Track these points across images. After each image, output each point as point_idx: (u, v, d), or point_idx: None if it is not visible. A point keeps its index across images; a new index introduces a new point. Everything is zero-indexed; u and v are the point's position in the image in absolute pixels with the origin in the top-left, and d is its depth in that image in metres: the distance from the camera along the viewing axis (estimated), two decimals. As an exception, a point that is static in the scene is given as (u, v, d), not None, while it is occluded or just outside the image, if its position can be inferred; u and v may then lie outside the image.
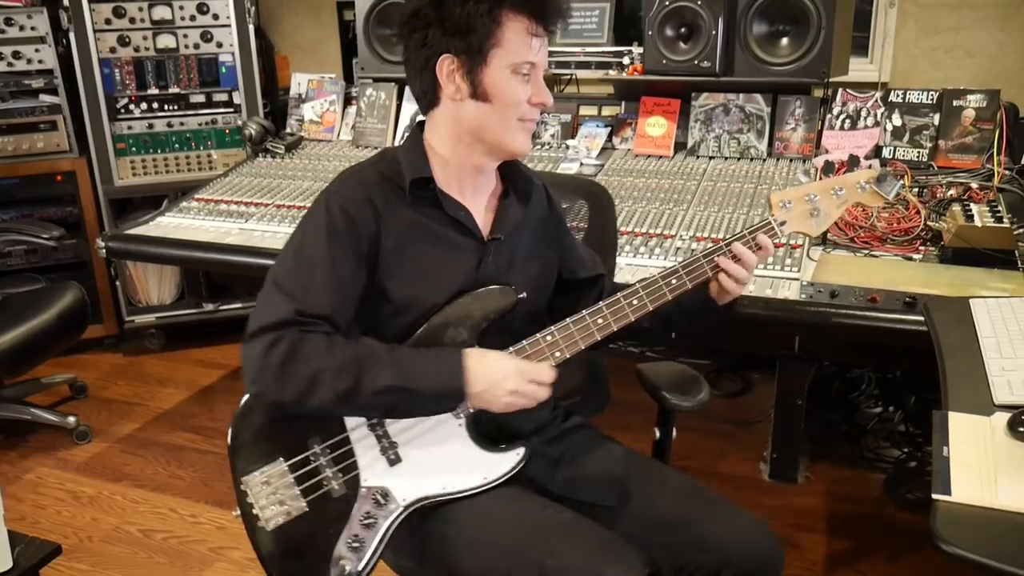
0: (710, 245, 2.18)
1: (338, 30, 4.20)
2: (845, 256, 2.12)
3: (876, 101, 2.58)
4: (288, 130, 3.31)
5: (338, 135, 3.26)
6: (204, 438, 2.94)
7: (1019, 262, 1.95)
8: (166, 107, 3.48)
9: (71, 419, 2.93)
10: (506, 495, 1.37)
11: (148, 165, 3.49)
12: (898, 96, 2.57)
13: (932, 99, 2.54)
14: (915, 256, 2.08)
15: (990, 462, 1.07)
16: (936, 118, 2.52)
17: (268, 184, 2.89)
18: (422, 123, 1.44)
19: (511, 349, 1.36)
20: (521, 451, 1.38)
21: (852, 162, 2.45)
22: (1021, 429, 1.13)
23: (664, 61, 2.66)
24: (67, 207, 3.49)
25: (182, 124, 3.50)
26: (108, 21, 3.33)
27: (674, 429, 1.65)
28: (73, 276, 3.28)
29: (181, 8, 3.40)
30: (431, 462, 1.35)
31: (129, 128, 3.44)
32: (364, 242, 1.33)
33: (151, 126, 3.47)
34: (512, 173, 1.50)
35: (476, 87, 1.33)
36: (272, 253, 2.44)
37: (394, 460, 1.35)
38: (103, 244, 2.60)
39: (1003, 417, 1.16)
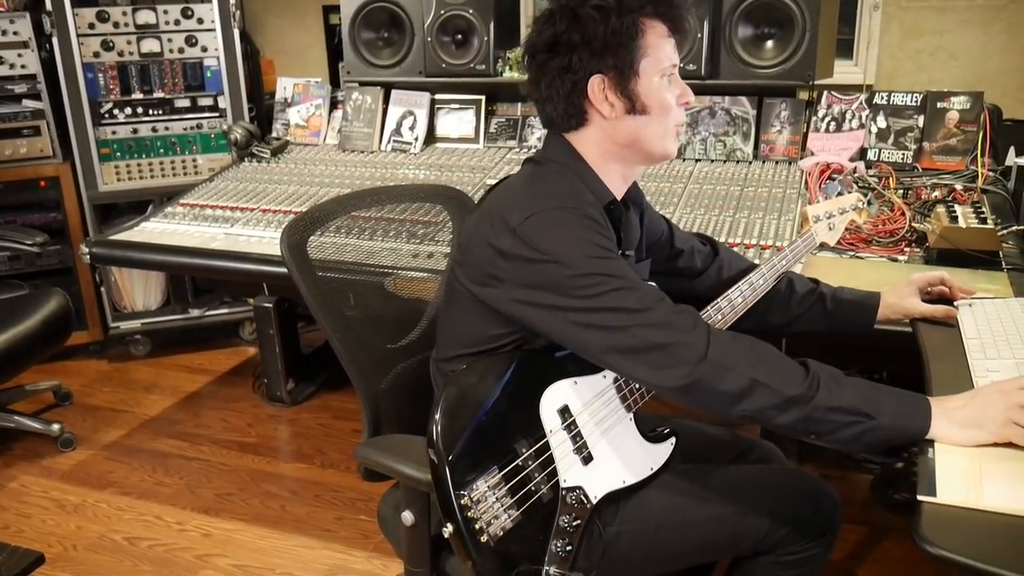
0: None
1: (324, 34, 4.19)
2: (831, 258, 2.12)
3: (861, 103, 2.59)
4: (274, 134, 3.30)
5: (324, 139, 3.25)
6: (190, 444, 2.92)
7: (1003, 263, 1.96)
8: (151, 112, 3.45)
9: (55, 427, 2.90)
10: (674, 478, 1.42)
11: (133, 170, 3.47)
12: (883, 98, 2.58)
13: (916, 101, 2.55)
14: (900, 258, 2.09)
15: (975, 463, 1.08)
16: (920, 120, 2.53)
17: (254, 189, 2.87)
18: (560, 140, 1.40)
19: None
20: (674, 439, 1.45)
21: (843, 184, 2.43)
22: (1005, 430, 1.14)
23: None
24: (51, 213, 3.46)
25: (167, 129, 3.48)
26: (91, 26, 3.31)
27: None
28: (57, 282, 3.26)
29: (165, 12, 3.38)
30: (612, 458, 1.36)
31: (113, 133, 3.42)
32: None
33: (136, 131, 3.45)
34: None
35: (633, 101, 1.33)
36: (258, 258, 2.41)
37: (587, 458, 1.34)
38: (87, 250, 2.58)
39: (988, 418, 1.16)
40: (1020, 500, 0.99)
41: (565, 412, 1.33)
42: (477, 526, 1.23)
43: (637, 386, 1.39)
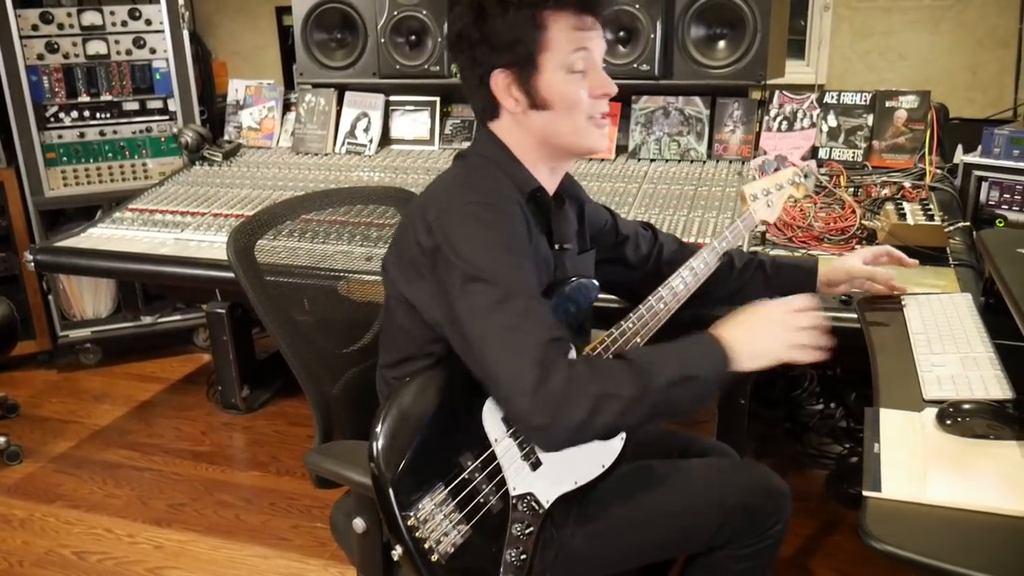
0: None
1: (277, 36, 4.14)
2: (783, 255, 2.13)
3: (812, 103, 2.62)
4: (226, 137, 3.25)
5: (277, 142, 3.21)
6: (142, 454, 2.86)
7: (950, 259, 1.99)
8: (98, 115, 3.38)
9: (1, 439, 2.82)
10: (627, 474, 1.41)
11: (80, 175, 3.39)
12: (833, 98, 2.61)
13: (866, 101, 2.58)
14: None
15: (920, 457, 1.08)
16: (870, 119, 2.56)
17: (205, 193, 2.82)
18: (485, 131, 1.40)
19: (607, 340, 1.37)
20: (623, 434, 1.40)
21: (779, 160, 2.49)
22: (949, 422, 1.15)
23: (604, 65, 2.67)
24: (-5, 219, 3.37)
25: (115, 132, 3.41)
26: (35, 27, 3.23)
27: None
28: (3, 291, 3.16)
29: (112, 13, 3.31)
30: (562, 459, 1.32)
31: (59, 137, 3.34)
32: (530, 240, 1.31)
33: (82, 135, 3.37)
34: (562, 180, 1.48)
35: (534, 97, 1.31)
36: (209, 263, 2.37)
37: (536, 463, 1.31)
38: (31, 257, 2.52)
39: (932, 412, 1.18)
40: (963, 493, 1.00)
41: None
42: (426, 546, 1.21)
43: None
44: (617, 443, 1.41)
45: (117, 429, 3.06)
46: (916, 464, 1.07)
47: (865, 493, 1.01)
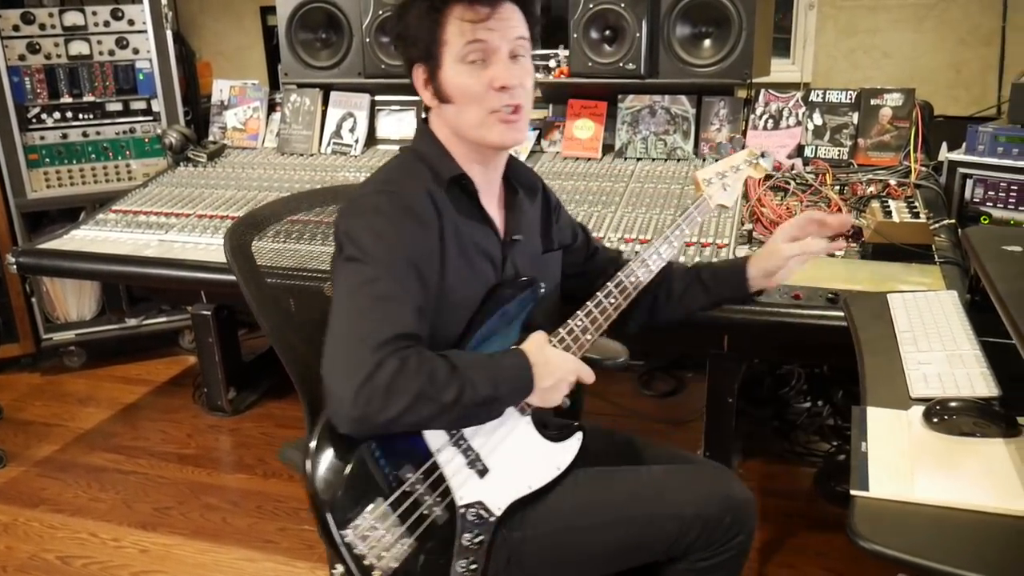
0: (638, 247, 2.19)
1: (262, 36, 4.12)
2: (770, 254, 2.14)
3: (797, 101, 2.63)
4: (211, 138, 3.23)
5: (263, 142, 3.19)
6: (127, 458, 2.83)
7: (935, 256, 2.00)
8: (81, 116, 3.34)
9: (-16, 443, 2.80)
10: (582, 479, 1.38)
11: (63, 176, 3.36)
12: (818, 96, 2.62)
13: (851, 99, 2.59)
14: (837, 252, 2.11)
15: (907, 456, 1.09)
16: (855, 117, 2.57)
17: (190, 194, 2.81)
18: (422, 122, 1.45)
19: (553, 341, 1.37)
20: (580, 435, 1.40)
21: (736, 143, 2.60)
22: (936, 420, 1.15)
23: (590, 64, 2.67)
24: (-23, 221, 3.33)
25: (98, 133, 3.38)
26: (16, 27, 3.19)
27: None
28: (-15, 294, 3.14)
29: (94, 14, 3.28)
30: (512, 465, 1.33)
31: (42, 138, 3.31)
32: (433, 241, 1.30)
33: (65, 136, 3.33)
34: (515, 170, 1.49)
35: (439, 91, 1.33)
36: (193, 265, 2.37)
37: (483, 471, 1.30)
38: (14, 260, 2.51)
39: (919, 410, 1.18)
40: (950, 492, 1.00)
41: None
42: (367, 563, 1.19)
43: None
44: (574, 444, 1.39)
45: (102, 432, 3.03)
46: (903, 463, 1.07)
47: (853, 492, 1.01)
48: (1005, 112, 3.12)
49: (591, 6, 2.63)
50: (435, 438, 1.28)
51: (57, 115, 3.32)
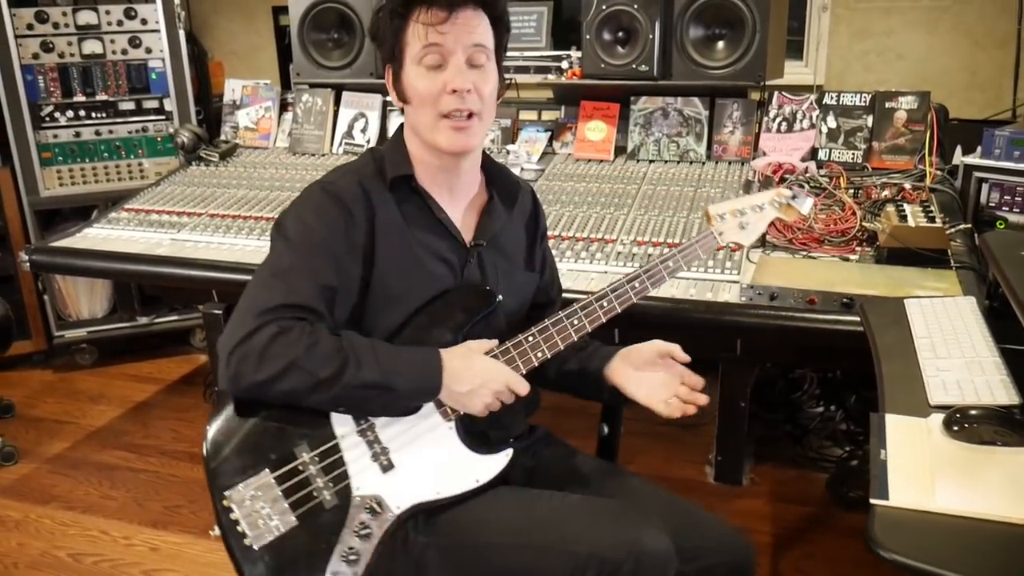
0: (651, 249, 2.19)
1: (274, 35, 4.13)
2: (784, 258, 2.13)
3: (811, 104, 2.61)
4: (223, 137, 3.23)
5: (274, 142, 3.19)
6: (138, 456, 2.84)
7: (951, 261, 1.98)
8: (94, 115, 3.36)
9: (-5, 440, 2.81)
10: (501, 495, 1.34)
11: (76, 175, 3.37)
12: (832, 99, 2.60)
13: (865, 101, 2.57)
14: (852, 257, 2.10)
15: (927, 464, 1.07)
16: (869, 120, 2.55)
17: (202, 193, 2.81)
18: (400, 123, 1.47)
19: (497, 351, 1.34)
20: (509, 451, 1.36)
21: (767, 183, 2.41)
22: (955, 428, 1.14)
23: (602, 65, 2.66)
24: (-10, 219, 3.35)
25: (111, 132, 3.39)
26: (30, 27, 3.21)
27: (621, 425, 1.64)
28: (-3, 291, 3.15)
29: (108, 13, 3.30)
30: (423, 467, 1.31)
31: (55, 137, 3.32)
32: (358, 233, 1.32)
33: (78, 134, 3.35)
34: (495, 177, 1.49)
35: (400, 91, 1.38)
36: (204, 264, 2.37)
37: (387, 466, 1.30)
38: (27, 257, 2.51)
39: (939, 418, 1.16)
40: (971, 502, 0.99)
41: (362, 417, 1.30)
42: (240, 529, 1.24)
43: None
44: (501, 459, 1.35)
45: (113, 430, 3.04)
46: (923, 471, 1.06)
47: (872, 500, 1.00)
48: (1021, 115, 3.11)
49: (604, 7, 2.62)
50: (341, 423, 1.29)
51: (70, 114, 3.33)
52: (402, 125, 1.44)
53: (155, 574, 2.26)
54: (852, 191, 2.37)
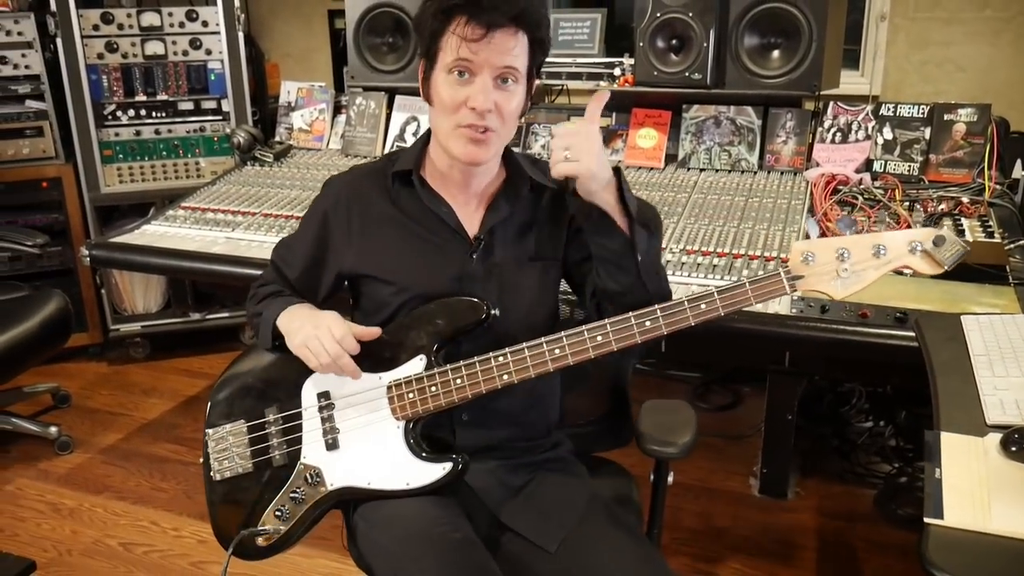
0: (700, 259, 2.17)
1: (329, 39, 4.19)
2: (836, 270, 2.10)
3: (867, 114, 2.57)
4: (277, 138, 3.28)
5: (327, 144, 3.23)
6: (188, 449, 2.90)
7: (1010, 278, 1.94)
8: (154, 114, 3.45)
9: (53, 429, 2.89)
10: (426, 503, 1.36)
11: (135, 172, 3.46)
12: (889, 110, 2.56)
13: (923, 113, 2.53)
14: (906, 271, 2.06)
15: (983, 485, 1.05)
16: (927, 132, 2.51)
17: (256, 193, 2.86)
18: None
19: (461, 363, 1.35)
20: (448, 465, 1.37)
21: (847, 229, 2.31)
22: (1014, 448, 1.12)
23: (655, 73, 2.65)
24: (52, 214, 3.45)
25: (170, 131, 3.48)
26: (96, 27, 3.31)
27: (670, 475, 1.63)
28: (58, 284, 3.24)
29: (170, 15, 3.38)
30: (364, 456, 1.41)
31: (116, 135, 3.42)
32: (340, 221, 1.46)
33: (138, 133, 3.44)
34: (511, 171, 1.49)
35: (427, 90, 1.40)
36: (258, 263, 2.41)
37: (331, 445, 1.43)
38: (87, 252, 2.57)
39: (996, 438, 1.14)
40: (1029, 524, 0.97)
41: (325, 396, 1.44)
42: (211, 461, 1.48)
43: (411, 396, 1.38)
44: (436, 471, 1.36)
45: (164, 423, 3.11)
46: (979, 491, 1.04)
47: (926, 520, 0.99)
48: (1085, 130, 3.02)
49: (658, 15, 2.61)
50: (308, 397, 1.45)
51: (131, 113, 3.42)
52: None
53: (202, 566, 2.30)
54: (907, 204, 2.33)
